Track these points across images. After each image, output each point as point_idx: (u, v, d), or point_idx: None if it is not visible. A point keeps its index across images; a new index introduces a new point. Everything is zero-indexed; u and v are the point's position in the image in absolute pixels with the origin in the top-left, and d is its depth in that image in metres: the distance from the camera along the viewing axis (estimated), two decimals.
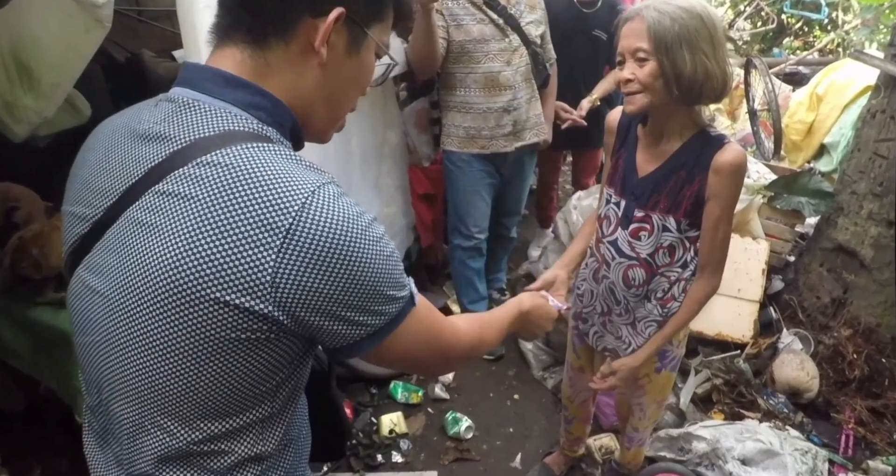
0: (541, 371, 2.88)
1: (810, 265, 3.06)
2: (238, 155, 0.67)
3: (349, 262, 0.66)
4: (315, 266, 0.64)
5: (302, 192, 0.65)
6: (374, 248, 0.68)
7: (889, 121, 2.69)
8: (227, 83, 0.73)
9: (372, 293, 0.70)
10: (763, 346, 2.83)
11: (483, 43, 2.33)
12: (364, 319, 0.71)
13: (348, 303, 0.68)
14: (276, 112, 0.75)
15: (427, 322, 0.82)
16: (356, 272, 0.67)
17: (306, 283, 0.65)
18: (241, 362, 0.69)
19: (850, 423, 2.54)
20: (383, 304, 0.72)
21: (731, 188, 1.47)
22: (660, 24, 1.35)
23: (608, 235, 1.68)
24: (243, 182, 0.65)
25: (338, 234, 0.65)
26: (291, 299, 0.65)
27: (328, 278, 0.66)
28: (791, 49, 6.82)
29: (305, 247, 0.64)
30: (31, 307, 1.85)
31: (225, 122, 0.71)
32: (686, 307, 1.63)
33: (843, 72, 4.23)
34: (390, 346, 0.76)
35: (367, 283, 0.68)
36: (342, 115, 0.86)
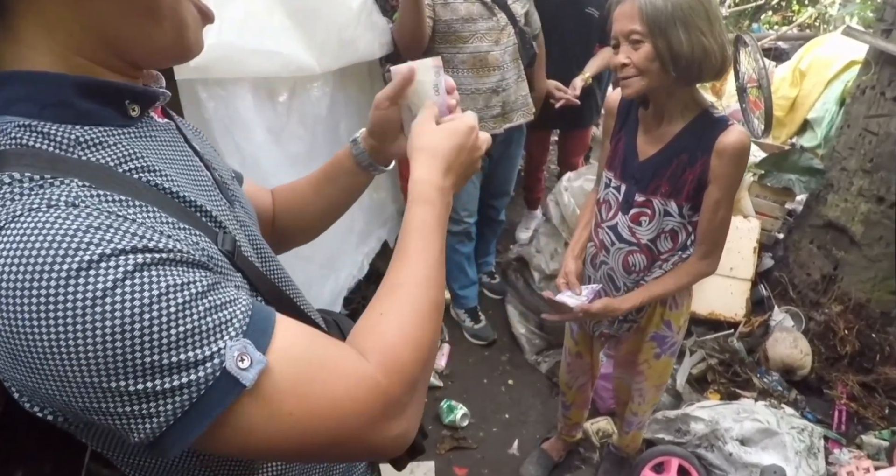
0: (534, 355, 2.85)
1: (800, 242, 3.06)
2: None
3: (48, 351, 0.44)
4: (12, 358, 0.46)
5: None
6: (91, 316, 0.44)
7: (879, 97, 2.67)
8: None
9: (110, 393, 0.46)
10: (755, 325, 2.83)
11: (471, 22, 2.25)
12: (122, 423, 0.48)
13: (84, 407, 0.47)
14: (37, 93, 0.53)
15: (288, 402, 0.52)
16: (65, 365, 0.45)
17: (20, 380, 0.47)
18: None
19: (842, 399, 2.56)
20: (143, 402, 0.47)
21: (734, 171, 1.42)
22: (651, 5, 1.29)
23: (608, 220, 1.63)
24: None
25: (15, 308, 0.44)
26: (30, 396, 0.49)
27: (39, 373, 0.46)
28: (770, 24, 6.81)
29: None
30: None
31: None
32: (675, 275, 1.56)
33: (825, 47, 4.23)
34: (218, 445, 0.52)
35: (91, 380, 0.45)
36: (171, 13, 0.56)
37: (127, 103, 0.58)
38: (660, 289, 1.57)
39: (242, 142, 1.49)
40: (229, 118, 1.47)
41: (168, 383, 0.47)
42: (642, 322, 1.72)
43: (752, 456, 2.11)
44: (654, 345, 1.74)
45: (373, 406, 0.55)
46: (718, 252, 1.55)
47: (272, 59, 1.49)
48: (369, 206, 2.49)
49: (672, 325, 1.70)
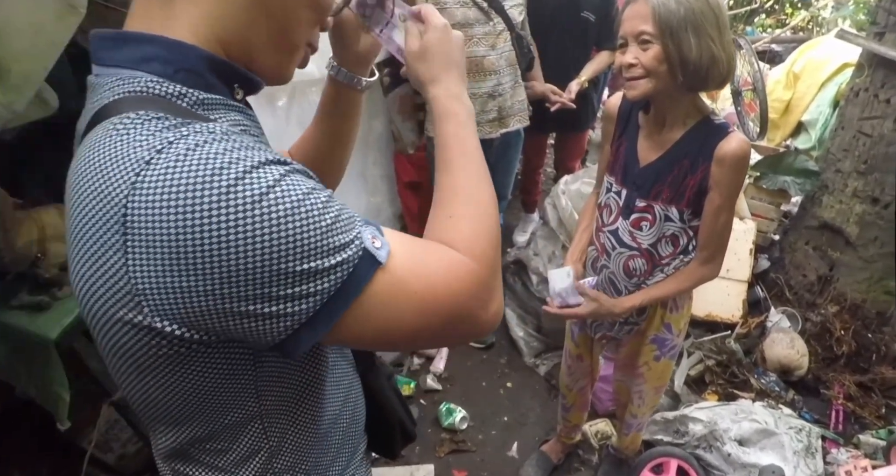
0: (533, 358, 2.86)
1: (796, 244, 3.09)
2: (89, 144, 0.55)
3: (215, 243, 0.49)
4: (172, 260, 0.49)
5: (131, 168, 0.50)
6: (254, 214, 0.50)
7: (873, 99, 2.70)
8: (114, 44, 0.60)
9: (274, 276, 0.51)
10: (752, 326, 2.85)
11: (467, 27, 2.27)
12: (280, 309, 0.53)
13: (245, 297, 0.51)
14: (174, 58, 0.59)
15: (410, 279, 0.58)
16: (230, 254, 0.49)
17: (172, 284, 0.50)
18: (178, 380, 0.59)
19: (839, 399, 2.58)
20: (301, 284, 0.52)
21: (734, 178, 1.43)
22: (665, 7, 1.30)
23: (608, 225, 1.64)
24: (81, 175, 0.54)
25: (186, 208, 0.49)
26: (168, 307, 0.52)
27: (196, 271, 0.50)
28: (763, 27, 6.86)
29: (150, 238, 0.49)
30: (4, 311, 1.76)
31: (105, 97, 0.58)
32: (677, 279, 1.58)
33: (819, 50, 4.27)
34: (352, 327, 0.57)
35: (258, 268, 0.50)
36: (295, 44, 0.68)
37: (236, 86, 0.66)
38: (661, 292, 1.58)
39: None
40: None
41: (327, 262, 0.53)
42: (643, 324, 1.73)
43: (751, 456, 2.12)
44: (654, 347, 1.75)
45: (474, 285, 0.62)
46: (720, 257, 1.55)
47: None
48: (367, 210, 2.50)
49: (672, 328, 1.71)
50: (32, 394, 1.86)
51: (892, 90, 2.62)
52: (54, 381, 1.77)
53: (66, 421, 1.82)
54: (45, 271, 1.77)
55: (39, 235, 1.73)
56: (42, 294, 1.79)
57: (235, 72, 0.65)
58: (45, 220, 1.77)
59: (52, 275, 1.79)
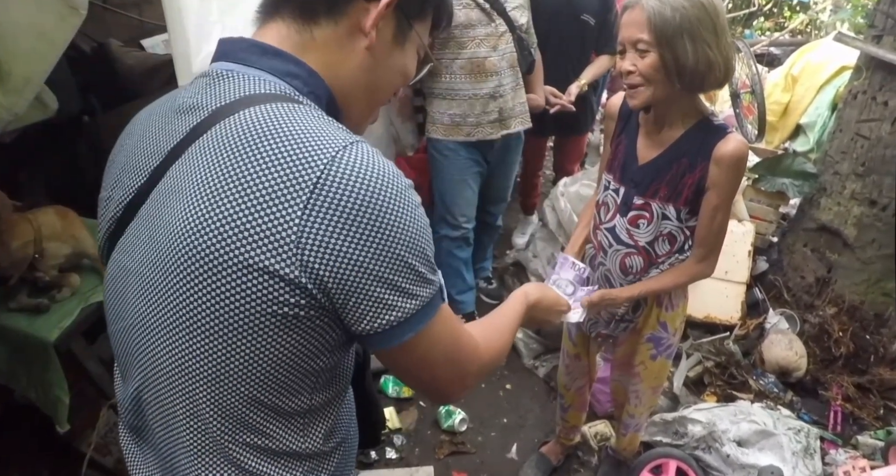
0: (532, 360, 2.87)
1: (794, 245, 3.09)
2: (264, 112, 0.64)
3: (382, 224, 0.61)
4: (344, 225, 0.59)
5: (332, 146, 0.61)
6: (409, 214, 0.63)
7: (870, 102, 2.71)
8: (263, 53, 0.72)
9: (404, 266, 0.63)
10: (751, 327, 2.86)
11: (469, 28, 2.27)
12: (394, 300, 0.64)
13: (379, 274, 0.62)
14: (311, 82, 0.72)
15: (450, 324, 0.74)
16: (389, 236, 0.61)
17: (334, 245, 0.59)
18: (275, 341, 0.64)
19: (837, 400, 2.58)
20: (416, 284, 0.65)
21: (732, 178, 1.45)
22: (660, 15, 1.30)
23: (606, 222, 1.65)
24: (268, 137, 0.62)
25: (371, 190, 0.60)
26: (318, 263, 0.60)
27: (358, 239, 0.60)
28: (762, 30, 6.88)
29: (334, 203, 0.59)
30: (2, 313, 1.76)
31: (255, 87, 0.69)
32: (673, 273, 1.60)
33: (817, 53, 4.28)
34: (414, 345, 0.68)
35: (400, 251, 0.62)
36: (380, 104, 0.84)
37: None
38: (657, 285, 1.60)
39: None
40: None
41: (428, 275, 0.67)
42: (639, 323, 1.74)
43: (750, 457, 2.12)
44: (650, 346, 1.76)
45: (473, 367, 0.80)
46: (716, 255, 1.57)
47: None
48: None
49: (668, 327, 1.72)
50: (32, 397, 1.86)
51: (890, 93, 2.63)
52: (53, 384, 1.77)
53: (66, 424, 1.82)
54: (45, 274, 1.77)
55: (35, 236, 1.73)
56: (41, 296, 1.79)
57: (337, 113, 0.76)
58: (41, 220, 1.77)
59: (51, 277, 1.79)
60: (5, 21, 1.26)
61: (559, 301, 1.25)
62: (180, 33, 1.15)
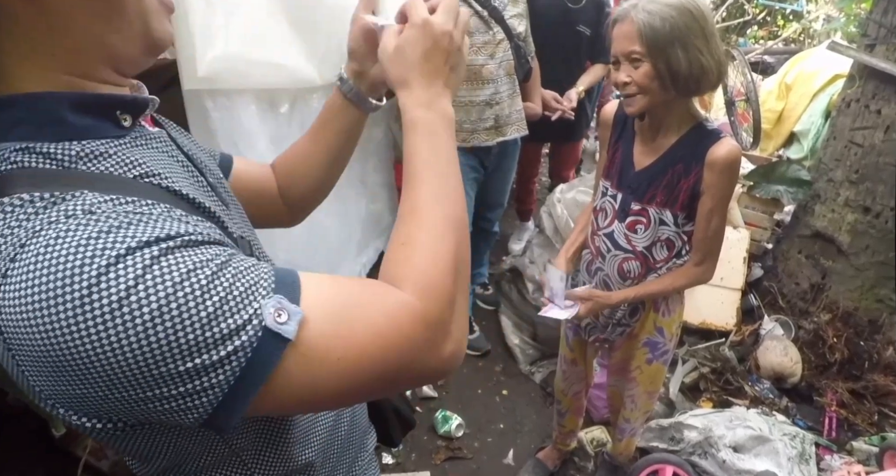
0: (528, 365, 2.87)
1: (789, 252, 3.12)
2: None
3: (90, 356, 0.45)
4: (53, 368, 0.46)
5: (1, 260, 0.47)
6: (121, 315, 0.45)
7: (864, 109, 2.74)
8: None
9: (160, 380, 0.47)
10: (746, 333, 2.88)
11: (467, 35, 2.28)
12: (177, 404, 0.49)
13: (136, 398, 0.48)
14: (35, 114, 0.53)
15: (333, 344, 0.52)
16: (111, 365, 0.46)
17: (65, 390, 0.47)
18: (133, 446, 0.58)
19: (832, 406, 2.60)
20: (190, 382, 0.48)
21: (725, 182, 1.47)
22: (650, 26, 1.32)
23: (604, 228, 1.67)
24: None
25: (51, 321, 0.45)
26: (75, 408, 0.50)
27: (81, 378, 0.46)
28: (756, 38, 6.94)
29: (26, 348, 0.46)
30: None
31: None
32: (671, 276, 1.61)
33: (810, 61, 4.32)
34: (268, 405, 0.52)
35: (139, 372, 0.46)
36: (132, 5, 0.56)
37: (118, 114, 0.58)
38: (655, 287, 1.62)
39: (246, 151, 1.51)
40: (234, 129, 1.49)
41: (215, 355, 0.47)
42: (635, 327, 1.75)
43: (746, 462, 2.13)
44: (646, 351, 1.77)
45: (417, 331, 0.55)
46: (714, 259, 1.59)
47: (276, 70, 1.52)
48: (366, 217, 2.50)
49: (664, 332, 1.73)
50: (27, 399, 1.85)
51: (883, 101, 2.66)
52: None
53: (61, 427, 1.81)
54: None
55: None
56: None
57: (107, 101, 0.57)
58: None
59: None
60: None
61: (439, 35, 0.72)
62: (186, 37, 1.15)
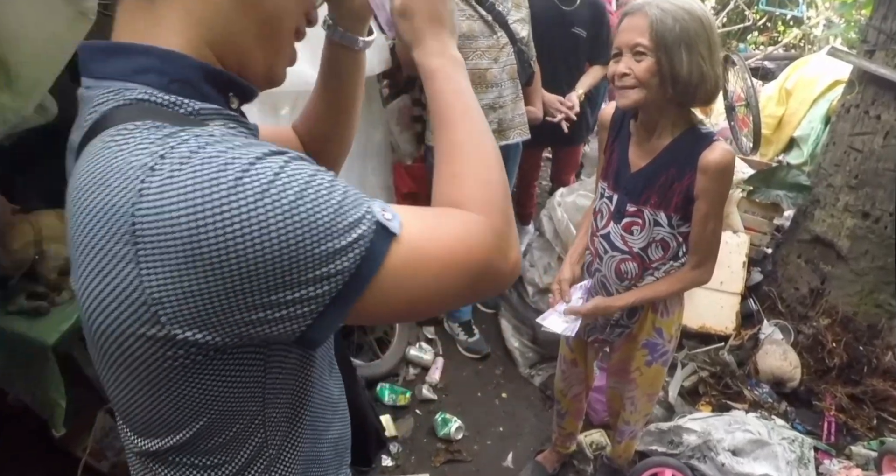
0: (528, 368, 2.87)
1: (788, 257, 3.12)
2: (88, 157, 0.55)
3: (231, 244, 0.49)
4: (186, 262, 0.49)
5: (136, 172, 0.50)
6: (264, 204, 0.50)
7: (863, 115, 2.75)
8: (105, 56, 0.60)
9: (294, 264, 0.51)
10: (745, 338, 2.88)
11: (472, 39, 2.30)
12: (303, 294, 0.53)
13: (265, 288, 0.51)
14: (169, 68, 0.59)
15: (426, 245, 0.58)
16: (250, 252, 0.50)
17: (190, 288, 0.50)
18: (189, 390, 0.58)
19: (831, 410, 2.60)
20: (320, 267, 0.52)
21: (719, 186, 1.48)
22: (662, 23, 1.35)
23: (601, 229, 1.68)
24: (83, 189, 0.53)
25: (195, 210, 0.48)
26: (185, 312, 0.51)
27: (214, 270, 0.50)
28: (756, 44, 6.96)
29: (161, 247, 0.49)
30: (1, 316, 1.76)
31: (98, 109, 0.57)
32: (668, 281, 1.62)
33: (811, 67, 4.33)
34: (377, 301, 0.56)
35: (276, 256, 0.50)
36: (283, 42, 0.67)
37: (231, 95, 0.65)
38: (652, 292, 1.63)
39: None
40: None
41: (343, 241, 0.53)
42: (634, 329, 1.75)
43: (745, 466, 2.13)
44: (645, 352, 1.77)
45: (490, 238, 0.61)
46: (711, 262, 1.60)
47: None
48: None
49: (663, 333, 1.74)
50: (28, 400, 1.85)
51: (882, 107, 2.67)
52: (51, 388, 1.77)
53: (62, 427, 1.81)
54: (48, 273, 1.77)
55: (36, 237, 1.74)
56: (41, 299, 1.79)
57: (230, 80, 0.64)
58: (42, 221, 1.78)
59: (52, 278, 1.79)
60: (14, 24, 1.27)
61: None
62: None
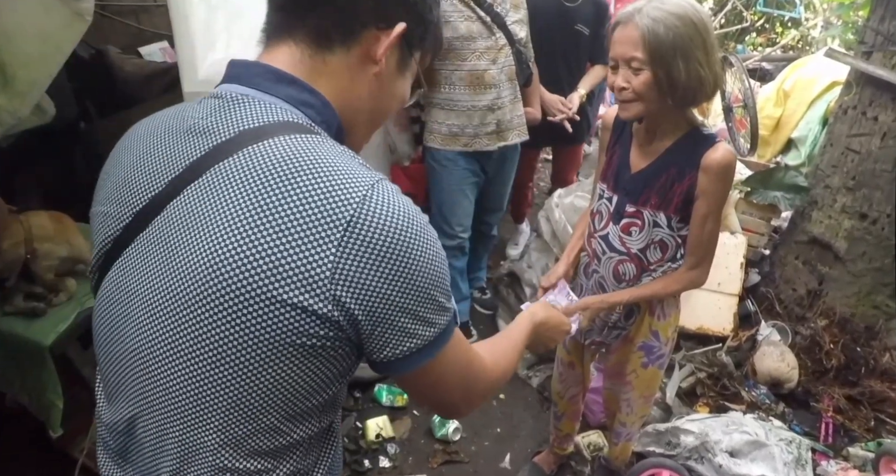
0: (525, 370, 2.87)
1: (786, 258, 3.12)
2: (291, 144, 0.66)
3: (409, 260, 0.64)
4: (375, 262, 0.62)
5: (362, 184, 0.64)
6: (431, 248, 0.67)
7: (860, 116, 2.75)
8: (278, 79, 0.72)
9: (427, 298, 0.67)
10: (743, 339, 2.88)
11: (470, 40, 2.30)
12: (416, 329, 0.68)
13: (404, 306, 0.66)
14: (325, 112, 0.73)
15: (463, 348, 0.79)
16: (415, 272, 0.65)
17: (366, 281, 0.63)
18: (298, 372, 0.66)
19: (828, 412, 2.60)
20: (435, 313, 0.69)
21: (720, 187, 1.48)
22: (654, 34, 1.32)
23: (600, 230, 1.68)
24: (299, 172, 0.63)
25: (399, 229, 0.63)
26: (350, 299, 0.63)
27: (388, 276, 0.63)
28: (754, 45, 6.97)
29: (366, 241, 0.62)
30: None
31: (273, 114, 0.69)
32: (664, 280, 1.62)
33: (808, 68, 4.34)
34: (431, 369, 0.72)
35: (423, 285, 0.66)
36: (377, 127, 0.87)
37: None
38: (649, 291, 1.63)
39: None
40: None
41: (447, 304, 0.71)
42: (631, 331, 1.75)
43: (742, 468, 2.13)
44: (641, 354, 1.77)
45: (483, 386, 0.86)
46: (707, 263, 1.59)
47: None
48: None
49: (660, 336, 1.74)
50: (25, 401, 1.85)
51: (880, 108, 2.67)
52: (48, 389, 1.76)
53: (59, 428, 1.81)
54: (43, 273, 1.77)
55: (26, 236, 1.73)
56: (38, 300, 1.78)
57: (343, 135, 0.77)
58: (33, 221, 1.78)
59: (47, 280, 1.79)
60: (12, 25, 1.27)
61: (563, 321, 1.29)
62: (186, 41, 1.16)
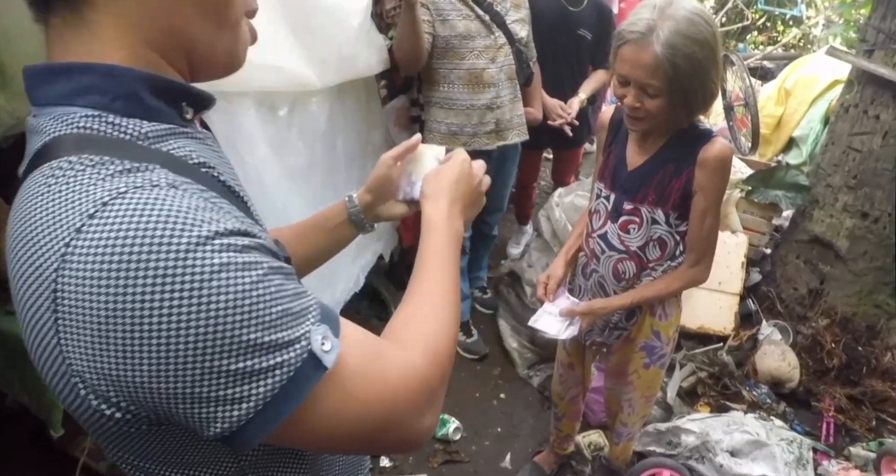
0: (526, 369, 2.87)
1: (787, 257, 3.12)
2: (22, 197, 0.51)
3: (143, 330, 0.44)
4: (102, 343, 0.45)
5: (63, 232, 0.45)
6: (191, 295, 0.44)
7: (862, 115, 2.74)
8: (46, 78, 0.54)
9: (202, 374, 0.45)
10: (744, 338, 2.88)
11: (468, 39, 2.30)
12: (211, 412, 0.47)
13: (172, 392, 0.46)
14: (111, 85, 0.53)
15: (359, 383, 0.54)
16: (160, 344, 0.44)
17: (105, 369, 0.46)
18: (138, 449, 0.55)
19: (830, 411, 2.60)
20: (235, 385, 0.47)
21: (717, 182, 1.48)
22: (673, 64, 1.29)
23: (598, 230, 1.68)
24: (14, 238, 0.49)
25: (124, 277, 0.43)
26: (102, 390, 0.47)
27: (128, 358, 0.45)
28: (755, 44, 6.95)
29: (79, 319, 0.44)
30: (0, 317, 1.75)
31: (39, 140, 0.52)
32: (666, 280, 1.61)
33: (809, 67, 4.33)
34: (293, 432, 0.52)
35: (185, 359, 0.45)
36: (236, 24, 0.61)
37: (184, 105, 0.60)
38: (651, 292, 1.62)
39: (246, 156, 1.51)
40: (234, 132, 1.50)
41: (264, 362, 0.47)
42: (632, 331, 1.75)
43: (743, 467, 2.13)
44: (643, 355, 1.77)
45: (420, 394, 0.58)
46: (708, 260, 1.59)
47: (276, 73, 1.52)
48: None
49: (661, 336, 1.73)
50: (25, 401, 1.84)
51: (881, 106, 2.67)
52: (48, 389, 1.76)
53: (60, 428, 1.81)
54: None
55: None
56: None
57: (180, 89, 0.59)
58: None
59: None
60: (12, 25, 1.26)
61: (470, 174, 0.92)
62: None
